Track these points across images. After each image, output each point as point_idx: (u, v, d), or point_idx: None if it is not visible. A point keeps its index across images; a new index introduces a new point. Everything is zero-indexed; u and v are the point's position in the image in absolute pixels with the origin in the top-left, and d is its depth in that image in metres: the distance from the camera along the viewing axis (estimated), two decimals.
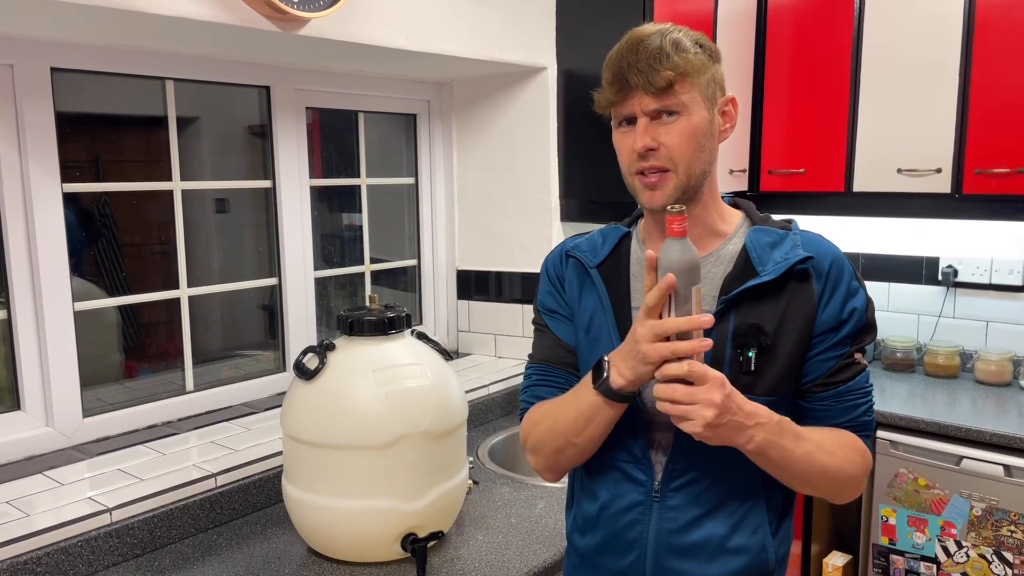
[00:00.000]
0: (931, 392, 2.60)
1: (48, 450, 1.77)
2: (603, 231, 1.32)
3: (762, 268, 1.15)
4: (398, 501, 1.45)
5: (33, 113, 1.70)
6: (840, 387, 1.17)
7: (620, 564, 1.24)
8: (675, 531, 1.19)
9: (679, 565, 1.20)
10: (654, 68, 1.09)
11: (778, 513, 1.23)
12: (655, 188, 1.14)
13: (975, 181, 2.43)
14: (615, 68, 1.13)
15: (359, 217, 2.53)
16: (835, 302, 1.15)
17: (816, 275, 1.16)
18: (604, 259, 1.27)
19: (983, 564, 2.25)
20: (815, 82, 2.70)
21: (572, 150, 2.48)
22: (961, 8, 2.41)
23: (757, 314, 1.14)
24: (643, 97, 1.12)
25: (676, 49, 1.11)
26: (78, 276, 1.84)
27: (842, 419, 1.18)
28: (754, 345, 1.13)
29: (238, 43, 1.83)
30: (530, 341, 1.36)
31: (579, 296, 1.28)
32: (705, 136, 1.15)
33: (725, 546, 1.19)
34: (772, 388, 1.14)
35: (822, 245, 1.19)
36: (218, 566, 1.50)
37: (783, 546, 1.24)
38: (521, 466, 2.18)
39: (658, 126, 1.13)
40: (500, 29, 2.28)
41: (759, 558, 1.20)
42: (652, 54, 1.10)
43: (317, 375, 1.47)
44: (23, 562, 1.37)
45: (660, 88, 1.10)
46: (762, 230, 1.20)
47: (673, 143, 1.13)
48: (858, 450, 1.18)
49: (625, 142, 1.16)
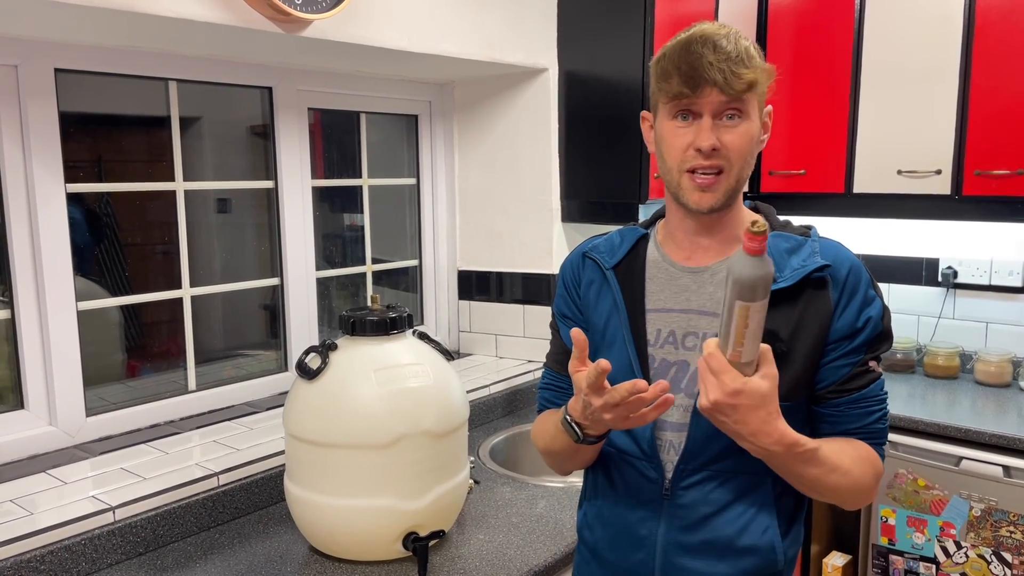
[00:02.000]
0: (931, 393, 2.61)
1: (51, 449, 1.78)
2: (621, 232, 1.31)
3: (779, 274, 1.13)
4: (399, 500, 1.46)
5: (37, 113, 1.71)
6: (854, 394, 1.17)
7: (630, 560, 1.24)
8: (684, 529, 1.20)
9: (688, 563, 1.20)
10: (734, 71, 1.09)
11: (789, 515, 1.23)
12: (706, 190, 1.14)
13: (975, 182, 2.43)
14: (688, 61, 1.10)
15: (361, 217, 2.53)
16: (851, 310, 1.15)
17: (833, 283, 1.15)
18: (620, 260, 1.26)
19: (982, 564, 2.26)
20: (815, 83, 2.71)
21: (573, 151, 2.48)
22: (961, 10, 2.41)
23: (772, 320, 1.12)
24: (717, 96, 1.10)
25: (748, 56, 1.11)
26: (81, 276, 1.85)
27: (854, 425, 1.18)
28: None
29: (241, 44, 1.84)
30: (531, 341, 1.37)
31: (596, 298, 1.28)
32: (756, 143, 1.16)
33: (734, 546, 1.19)
34: (787, 394, 1.13)
35: (840, 253, 1.18)
36: (220, 565, 1.51)
37: (792, 548, 1.24)
38: (522, 466, 2.19)
39: (720, 127, 1.12)
40: (501, 30, 2.29)
41: (768, 559, 1.19)
42: (732, 56, 1.09)
43: (319, 375, 1.48)
44: (26, 560, 1.38)
45: (738, 91, 1.10)
46: (780, 236, 1.20)
47: (734, 144, 1.12)
48: (871, 462, 1.18)
49: (680, 136, 1.14)
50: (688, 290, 1.21)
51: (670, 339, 1.21)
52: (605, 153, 2.39)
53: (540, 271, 2.57)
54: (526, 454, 2.23)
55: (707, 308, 1.19)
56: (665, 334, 1.21)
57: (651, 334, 1.21)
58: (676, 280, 1.22)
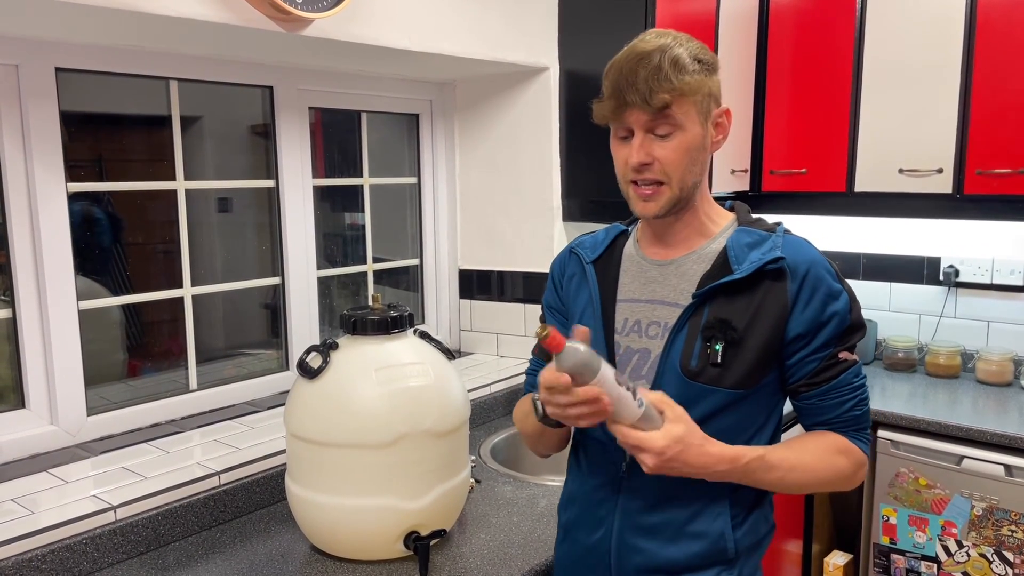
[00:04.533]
0: (932, 392, 2.61)
1: (52, 448, 1.78)
2: (606, 229, 1.39)
3: (737, 267, 1.19)
4: (400, 499, 1.46)
5: (38, 113, 1.71)
6: (824, 386, 1.20)
7: (591, 539, 1.31)
8: (639, 511, 1.25)
9: (642, 544, 1.25)
10: (652, 89, 1.13)
11: (747, 505, 1.26)
12: (648, 199, 1.21)
13: (976, 181, 2.43)
14: (614, 83, 1.17)
15: (362, 216, 2.53)
16: (813, 305, 1.18)
17: (791, 276, 1.19)
18: (600, 255, 1.34)
19: (984, 564, 2.26)
20: (817, 82, 2.71)
21: (574, 150, 2.48)
22: (963, 8, 2.41)
23: (729, 310, 1.18)
24: (639, 114, 1.16)
25: (675, 68, 1.13)
26: (82, 275, 1.85)
27: (830, 415, 1.23)
28: (721, 339, 1.18)
29: (242, 43, 1.84)
30: (532, 340, 1.40)
31: (576, 290, 1.35)
32: (698, 150, 1.20)
33: (685, 530, 1.24)
34: (739, 382, 1.18)
35: (802, 248, 1.22)
36: (222, 564, 1.51)
37: (748, 538, 1.26)
38: (523, 465, 2.19)
39: (653, 141, 1.18)
40: (502, 29, 2.28)
41: (717, 545, 1.23)
42: (651, 74, 1.13)
43: (320, 374, 1.48)
44: (28, 560, 1.38)
45: (657, 108, 1.14)
46: (745, 231, 1.25)
47: (667, 158, 1.18)
48: (843, 451, 1.22)
49: (621, 153, 1.21)
50: (655, 281, 1.27)
51: (635, 328, 1.26)
52: (606, 152, 2.37)
53: (541, 270, 2.56)
54: (527, 453, 2.23)
55: (669, 299, 1.25)
56: (631, 323, 1.27)
57: (619, 323, 1.28)
58: (645, 272, 1.29)
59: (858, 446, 1.24)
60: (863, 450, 1.25)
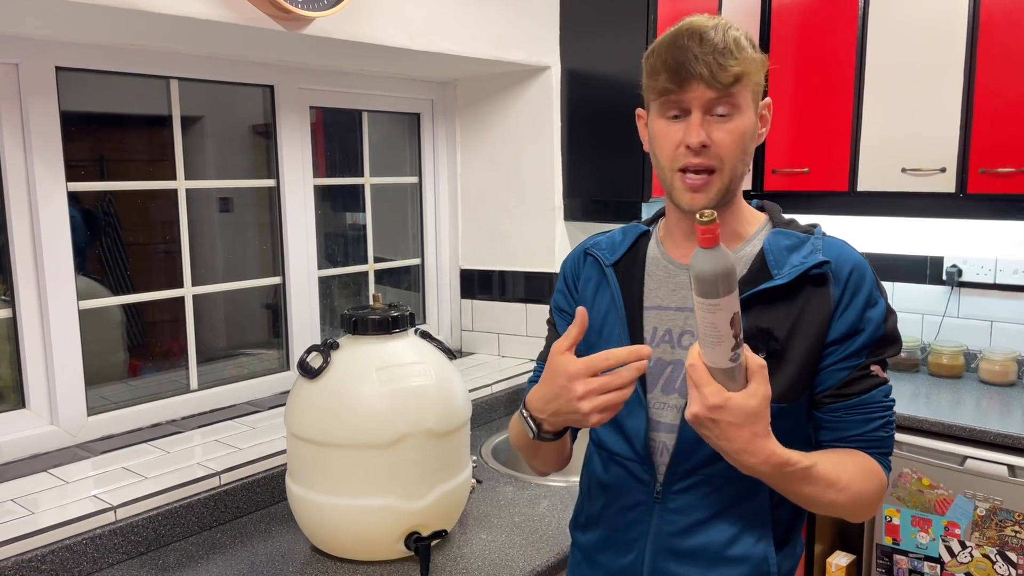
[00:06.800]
0: (935, 392, 2.60)
1: (52, 448, 1.78)
2: (623, 229, 1.30)
3: (777, 271, 1.12)
4: (401, 500, 1.45)
5: (38, 112, 1.70)
6: (853, 399, 1.12)
7: (619, 563, 1.23)
8: (675, 534, 1.17)
9: (677, 569, 1.17)
10: (720, 63, 1.05)
11: (786, 526, 1.19)
12: (698, 190, 1.10)
13: (980, 181, 2.42)
14: (674, 56, 1.07)
15: (363, 216, 2.53)
16: (852, 309, 1.11)
17: (835, 280, 1.11)
18: (620, 258, 1.25)
19: (987, 564, 2.25)
20: (819, 81, 2.70)
21: (576, 149, 2.48)
22: (965, 6, 2.40)
23: (769, 318, 1.10)
24: (704, 90, 1.07)
25: (737, 46, 1.07)
26: (83, 275, 1.85)
27: (853, 432, 1.13)
28: (763, 349, 1.09)
29: (242, 42, 1.83)
30: (533, 340, 1.37)
31: (594, 294, 1.26)
32: (750, 138, 1.12)
33: (724, 554, 1.15)
34: (782, 395, 1.09)
35: (844, 250, 1.14)
36: (222, 564, 1.50)
37: (788, 561, 1.19)
38: (524, 465, 2.17)
39: (711, 123, 1.09)
40: (504, 28, 2.28)
41: (759, 570, 1.16)
42: (718, 48, 1.05)
43: (321, 374, 1.47)
44: (28, 560, 1.37)
45: (725, 84, 1.06)
46: (782, 233, 1.17)
47: (724, 142, 1.09)
48: (874, 475, 1.12)
49: (671, 134, 1.11)
50: (685, 287, 1.19)
51: (666, 337, 1.18)
52: (607, 151, 2.39)
53: (542, 270, 2.56)
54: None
55: None
56: (661, 332, 1.19)
57: (648, 331, 1.19)
58: (674, 278, 1.20)
59: (883, 470, 1.15)
60: (887, 475, 1.15)
